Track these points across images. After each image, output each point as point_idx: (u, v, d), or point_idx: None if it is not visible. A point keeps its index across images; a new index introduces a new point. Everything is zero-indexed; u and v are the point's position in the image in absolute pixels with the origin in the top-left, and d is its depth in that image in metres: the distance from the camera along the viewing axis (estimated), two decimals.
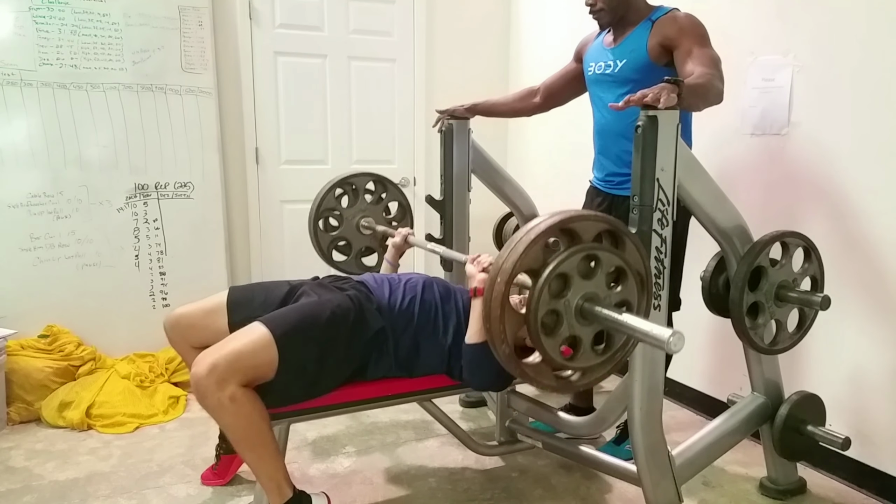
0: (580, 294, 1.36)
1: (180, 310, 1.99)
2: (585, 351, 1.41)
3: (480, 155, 2.67)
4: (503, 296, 1.30)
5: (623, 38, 2.14)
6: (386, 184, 2.76)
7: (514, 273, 1.30)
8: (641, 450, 1.76)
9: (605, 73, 2.18)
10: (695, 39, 1.97)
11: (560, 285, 1.35)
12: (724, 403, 2.33)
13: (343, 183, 2.69)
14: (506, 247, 1.34)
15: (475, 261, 1.88)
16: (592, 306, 1.36)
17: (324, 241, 2.69)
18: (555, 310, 1.35)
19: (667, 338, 1.23)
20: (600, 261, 1.37)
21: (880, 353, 2.12)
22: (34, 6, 2.82)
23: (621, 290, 1.41)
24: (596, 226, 1.38)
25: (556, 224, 1.32)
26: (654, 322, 1.65)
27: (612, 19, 2.15)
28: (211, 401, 1.57)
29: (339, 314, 1.76)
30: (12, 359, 2.75)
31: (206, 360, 1.57)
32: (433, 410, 2.10)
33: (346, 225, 2.72)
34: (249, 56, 3.42)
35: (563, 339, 1.38)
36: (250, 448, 1.65)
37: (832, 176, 2.21)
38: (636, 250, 1.43)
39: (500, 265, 1.32)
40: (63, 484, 2.22)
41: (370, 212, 2.73)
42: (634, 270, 1.42)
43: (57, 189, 2.96)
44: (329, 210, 2.68)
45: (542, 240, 1.31)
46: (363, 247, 2.73)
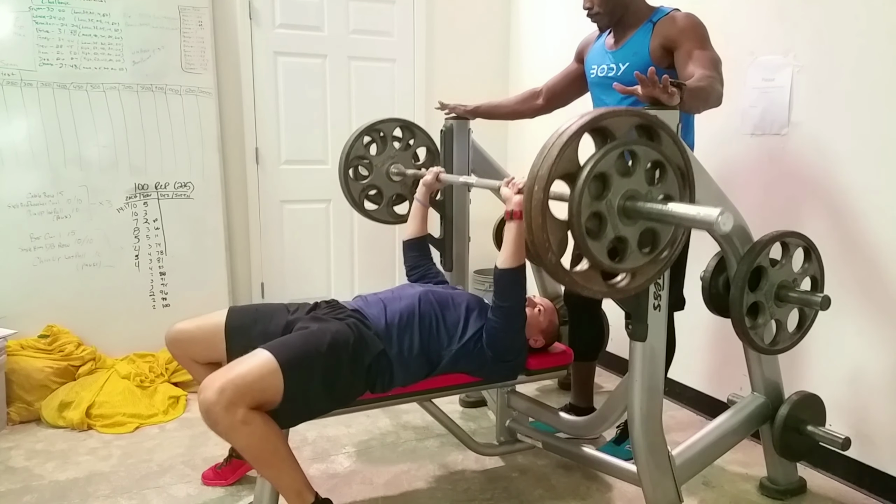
0: (621, 193, 1.33)
1: (179, 326, 2.00)
2: (633, 251, 1.38)
3: (480, 155, 2.67)
4: (542, 203, 1.27)
5: (624, 42, 2.13)
6: (413, 129, 2.76)
7: (550, 178, 1.27)
8: (641, 450, 1.76)
9: (607, 76, 2.18)
10: (695, 41, 1.96)
11: (599, 186, 1.31)
12: (724, 403, 2.33)
13: (370, 130, 2.68)
14: (539, 153, 1.31)
15: (510, 183, 1.87)
16: (635, 203, 1.33)
17: (355, 190, 2.69)
18: (597, 212, 1.32)
19: (716, 217, 1.19)
20: (638, 156, 1.33)
21: (880, 353, 2.12)
22: (34, 6, 2.82)
23: (662, 184, 1.38)
24: (629, 121, 1.34)
25: (587, 123, 1.29)
26: (654, 321, 1.67)
27: (611, 22, 2.14)
28: (223, 426, 1.57)
29: (340, 340, 1.78)
30: (12, 359, 2.75)
31: (213, 386, 1.57)
32: (433, 410, 2.10)
33: (376, 172, 2.71)
34: (249, 56, 3.42)
35: (608, 240, 1.35)
36: (268, 466, 1.67)
37: (832, 176, 2.21)
38: (673, 143, 1.39)
39: (535, 173, 1.29)
40: (63, 484, 2.22)
41: (399, 158, 2.73)
42: (674, 164, 1.38)
43: (57, 189, 2.96)
44: (358, 158, 2.68)
45: (575, 141, 1.28)
46: (394, 194, 2.74)
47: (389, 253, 3.89)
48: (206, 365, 2.01)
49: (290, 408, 1.67)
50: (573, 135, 1.28)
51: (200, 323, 1.98)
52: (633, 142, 1.33)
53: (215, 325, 1.96)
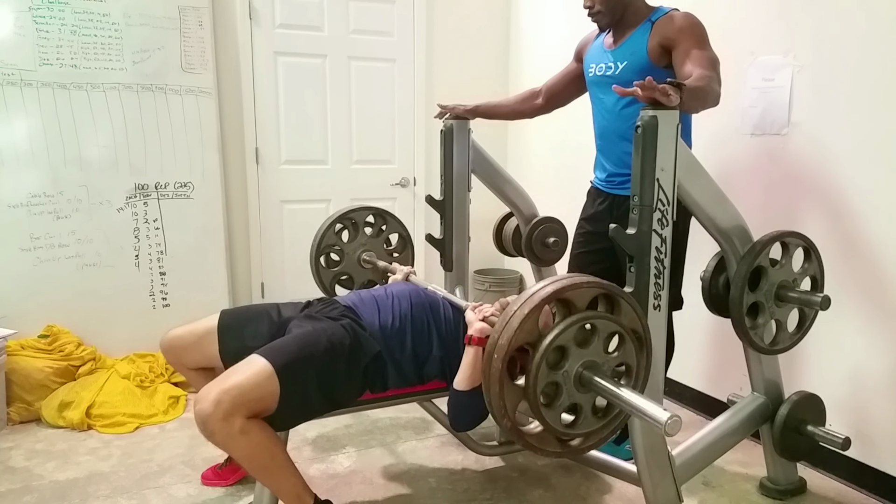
0: (579, 362, 1.37)
1: (172, 333, 2.00)
2: (587, 417, 1.42)
3: (480, 155, 2.67)
4: (500, 373, 1.31)
5: (623, 40, 2.13)
6: (386, 216, 2.77)
7: (510, 349, 1.30)
8: (641, 450, 1.76)
9: (605, 74, 2.18)
10: (694, 40, 1.96)
11: (558, 356, 1.35)
12: (724, 403, 2.33)
13: (343, 218, 2.70)
14: (500, 320, 1.35)
15: (476, 308, 1.87)
16: (591, 375, 1.36)
17: (326, 277, 2.70)
18: (554, 381, 1.36)
19: (664, 421, 1.23)
20: (597, 328, 1.37)
21: (880, 353, 2.12)
22: (34, 6, 2.82)
23: (620, 353, 1.42)
24: (589, 292, 1.38)
25: (550, 295, 1.32)
26: (654, 322, 1.66)
27: (611, 21, 2.14)
28: (220, 436, 1.57)
29: (336, 343, 1.77)
30: (12, 359, 2.75)
31: (209, 397, 1.55)
32: (433, 410, 2.10)
33: (348, 260, 2.72)
34: (249, 56, 3.42)
35: (563, 408, 1.38)
36: (267, 473, 1.67)
37: (832, 176, 2.21)
38: (632, 309, 1.43)
39: (495, 341, 1.33)
40: (63, 484, 2.22)
41: (371, 245, 2.74)
42: (630, 331, 1.42)
43: (57, 189, 2.96)
44: (330, 246, 2.69)
45: (536, 313, 1.32)
46: (365, 280, 2.75)
47: None
48: (201, 371, 2.02)
49: (287, 412, 1.66)
50: (534, 307, 1.31)
51: (193, 328, 1.99)
52: (593, 316, 1.37)
53: (207, 328, 1.96)
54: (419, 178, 3.91)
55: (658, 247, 1.63)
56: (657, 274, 1.64)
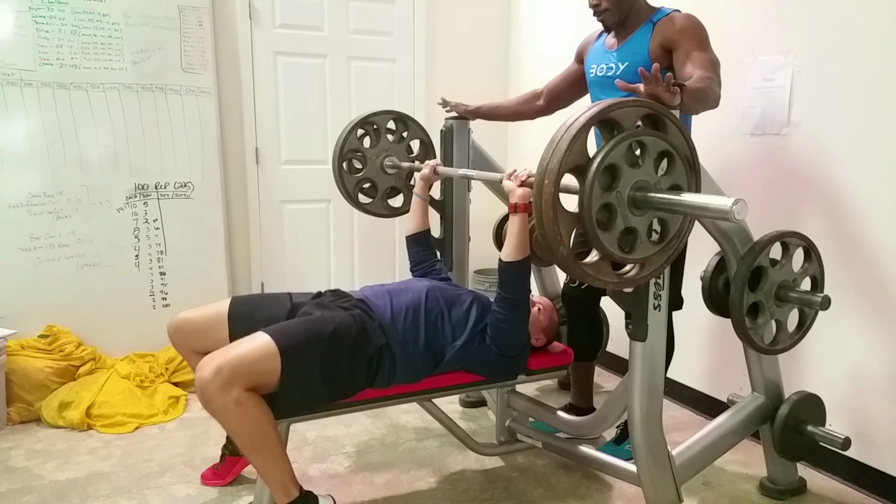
0: (631, 184, 1.34)
1: (182, 315, 2.00)
2: (643, 241, 1.39)
3: (480, 155, 2.67)
4: (553, 197, 1.28)
5: (625, 41, 2.13)
6: (407, 121, 2.75)
7: (561, 172, 1.28)
8: (641, 450, 1.76)
9: (606, 75, 2.18)
10: (694, 42, 1.96)
11: (609, 178, 1.33)
12: (724, 403, 2.33)
13: (364, 123, 2.68)
14: (547, 147, 1.32)
15: (512, 175, 1.87)
16: (645, 194, 1.34)
17: (349, 183, 2.68)
18: (607, 203, 1.33)
19: (730, 206, 1.21)
20: (646, 146, 1.34)
21: (880, 354, 2.12)
22: (34, 6, 2.82)
23: (670, 174, 1.39)
24: (636, 112, 1.35)
25: (594, 115, 1.30)
26: (654, 321, 1.67)
27: (618, 19, 2.14)
28: (216, 405, 1.57)
29: (342, 330, 1.77)
30: (12, 359, 2.75)
31: (210, 365, 1.58)
32: (433, 410, 2.10)
33: (370, 166, 2.71)
34: (249, 56, 3.42)
35: (619, 231, 1.36)
36: (256, 451, 1.66)
37: (832, 176, 2.21)
38: (679, 132, 1.41)
39: (544, 167, 1.30)
40: (63, 484, 2.22)
41: (393, 151, 2.72)
42: (681, 153, 1.39)
43: (57, 189, 2.96)
44: (352, 151, 2.67)
45: (584, 133, 1.29)
46: (388, 187, 2.74)
47: (389, 253, 3.89)
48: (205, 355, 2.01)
49: (286, 394, 1.66)
50: (582, 127, 1.29)
51: (204, 311, 1.98)
52: (642, 132, 1.34)
53: (218, 312, 1.96)
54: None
55: None
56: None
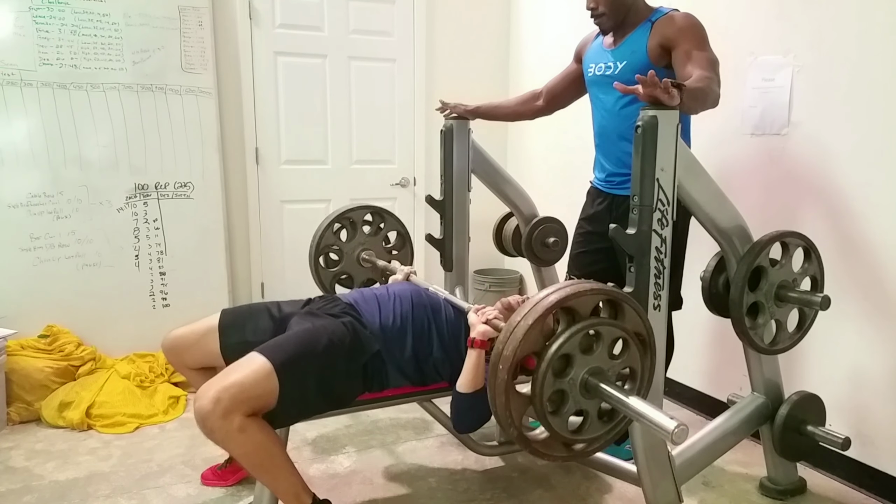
0: (584, 369, 1.37)
1: (175, 333, 2.02)
2: (593, 422, 1.42)
3: (480, 155, 2.67)
4: (506, 383, 1.31)
5: (623, 40, 2.13)
6: (384, 214, 2.77)
7: (515, 360, 1.30)
8: (641, 450, 1.76)
9: (604, 74, 2.18)
10: (693, 41, 1.96)
11: (563, 364, 1.35)
12: (724, 403, 2.33)
13: (341, 217, 2.70)
14: (505, 330, 1.35)
15: (479, 311, 1.87)
16: (597, 382, 1.36)
17: (325, 277, 2.70)
18: (560, 389, 1.36)
19: (672, 430, 1.23)
20: (601, 335, 1.37)
21: (880, 354, 2.12)
22: (34, 6, 2.82)
23: (624, 357, 1.42)
24: (593, 299, 1.38)
25: (554, 304, 1.32)
26: (654, 322, 1.66)
27: (615, 23, 2.13)
28: (219, 434, 1.57)
29: (336, 341, 1.77)
30: (12, 359, 2.75)
31: (208, 395, 1.56)
32: (433, 410, 2.10)
33: (347, 259, 2.72)
34: (249, 56, 3.42)
35: (569, 414, 1.38)
36: (265, 472, 1.67)
37: (832, 176, 2.21)
38: (635, 313, 1.43)
39: (500, 351, 1.33)
40: (63, 484, 2.22)
41: (370, 244, 2.74)
42: (634, 334, 1.43)
43: (57, 189, 2.96)
44: (328, 246, 2.69)
45: (540, 323, 1.32)
46: (365, 279, 2.75)
47: None
48: (202, 370, 2.02)
49: (286, 410, 1.67)
50: (539, 317, 1.31)
51: (194, 327, 2.00)
52: (598, 322, 1.37)
53: (208, 327, 1.97)
54: (419, 178, 3.91)
55: (658, 247, 1.63)
56: (657, 274, 1.64)
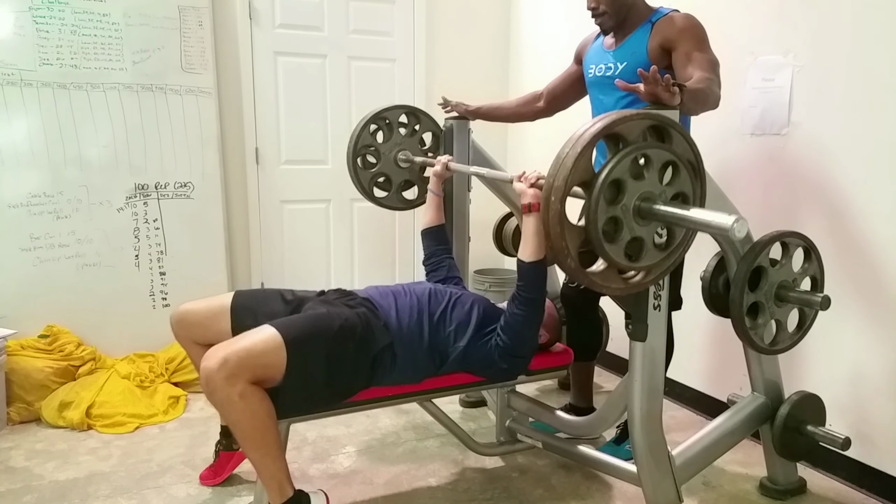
0: (636, 195, 1.36)
1: (186, 306, 2.01)
2: (649, 250, 1.41)
3: (480, 155, 2.67)
4: (559, 213, 1.32)
5: (624, 41, 2.13)
6: (419, 115, 2.78)
7: (567, 189, 1.30)
8: (641, 450, 1.76)
9: (605, 75, 2.18)
10: (694, 42, 1.96)
11: (614, 191, 1.35)
12: (724, 403, 2.33)
13: (376, 118, 2.71)
14: (554, 163, 1.34)
15: (522, 178, 1.89)
16: (650, 205, 1.36)
17: (364, 178, 2.72)
18: (613, 216, 1.36)
19: (730, 224, 1.23)
20: (650, 159, 1.36)
21: (880, 353, 2.12)
22: (34, 6, 2.82)
23: (675, 183, 1.41)
24: (640, 124, 1.37)
25: (600, 131, 1.31)
26: (654, 322, 1.67)
27: (615, 23, 2.13)
28: (220, 395, 1.58)
29: (348, 328, 1.78)
30: (12, 359, 2.75)
31: (216, 355, 1.58)
32: (433, 410, 2.10)
33: (384, 160, 2.74)
34: (249, 56, 3.42)
35: (625, 242, 1.38)
36: (255, 446, 1.66)
37: (832, 176, 2.21)
38: (684, 140, 1.42)
39: (551, 183, 1.33)
40: (63, 484, 2.22)
41: (406, 144, 2.76)
42: (685, 161, 1.41)
43: (57, 189, 2.96)
44: (366, 147, 2.71)
45: (589, 150, 1.31)
46: (402, 181, 2.78)
47: (389, 253, 3.89)
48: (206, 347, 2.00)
49: (289, 389, 1.67)
50: (587, 144, 1.31)
51: (207, 303, 2.00)
52: (646, 145, 1.36)
53: (222, 304, 1.97)
54: None
55: None
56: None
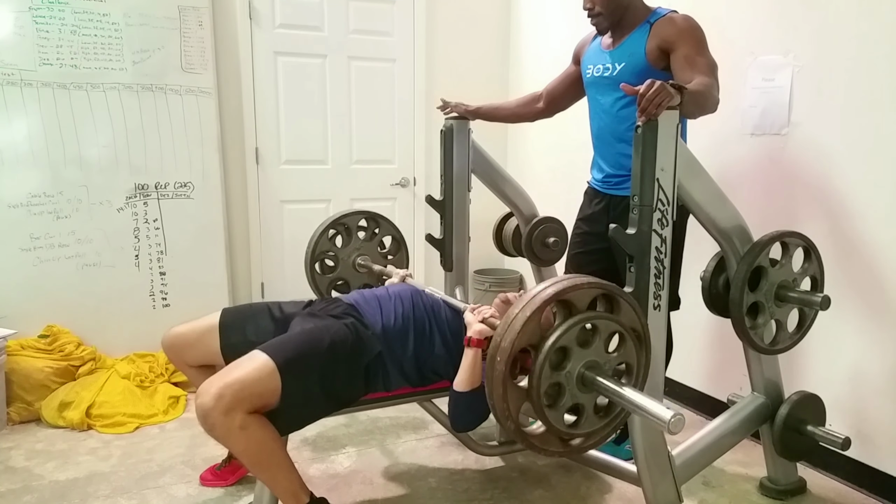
0: (581, 363, 1.37)
1: (175, 330, 2.02)
2: (589, 417, 1.42)
3: (480, 155, 2.67)
4: (504, 375, 1.32)
5: (622, 41, 2.13)
6: (378, 219, 2.78)
7: (512, 352, 1.31)
8: (641, 450, 1.76)
9: (602, 75, 2.18)
10: (693, 44, 1.96)
11: (560, 357, 1.36)
12: (724, 403, 2.33)
13: (335, 224, 2.71)
14: (502, 323, 1.35)
15: (475, 310, 1.87)
16: (594, 375, 1.37)
17: (322, 283, 2.72)
18: (557, 382, 1.36)
19: (668, 419, 1.24)
20: (598, 327, 1.38)
21: (880, 353, 2.12)
22: (34, 6, 2.82)
23: (620, 352, 1.43)
24: (590, 293, 1.39)
25: (551, 297, 1.33)
26: (654, 321, 1.66)
27: (611, 23, 2.13)
28: (220, 431, 1.57)
29: (338, 341, 1.77)
30: (12, 359, 2.75)
31: (210, 391, 1.56)
32: (433, 410, 2.10)
33: (343, 265, 2.74)
34: (249, 56, 3.42)
35: (566, 408, 1.39)
36: (264, 470, 1.67)
37: (832, 176, 2.21)
38: (631, 309, 1.44)
39: (498, 343, 1.33)
40: (63, 484, 2.22)
41: (365, 249, 2.76)
42: (630, 330, 1.43)
43: (57, 189, 2.96)
44: (324, 252, 2.70)
45: (538, 315, 1.32)
46: (361, 285, 2.76)
47: None
48: (202, 368, 2.02)
49: (287, 410, 1.66)
50: (536, 309, 1.32)
51: (194, 325, 2.00)
52: (594, 316, 1.38)
53: (209, 325, 1.97)
54: (419, 178, 3.91)
55: (658, 247, 1.63)
56: (657, 274, 1.65)
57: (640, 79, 2.04)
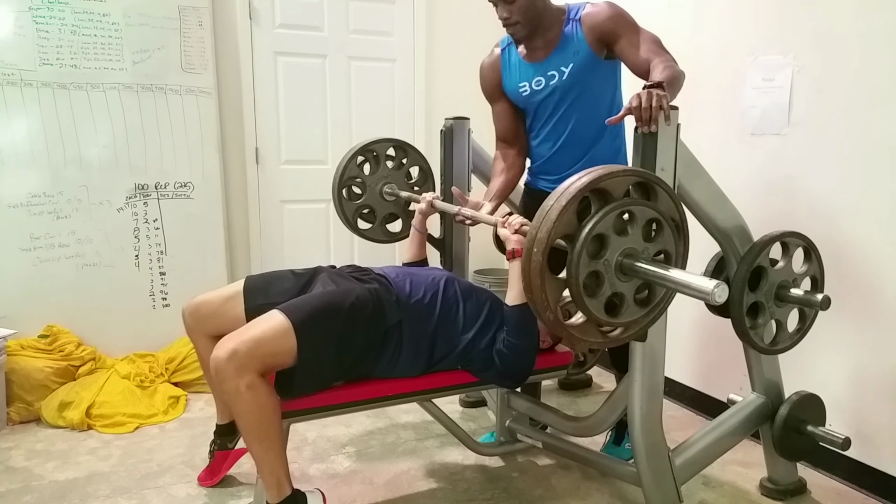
0: (618, 251, 1.36)
1: (200, 297, 2.05)
2: (629, 306, 1.41)
3: (480, 155, 2.67)
4: (541, 266, 1.31)
5: (556, 46, 2.08)
6: (406, 149, 2.78)
7: (549, 242, 1.30)
8: (641, 450, 1.76)
9: (549, 85, 2.11)
10: (630, 28, 1.97)
11: (597, 246, 1.35)
12: (724, 403, 2.33)
13: (364, 150, 2.71)
14: (538, 215, 1.34)
15: (506, 223, 1.87)
16: (632, 262, 1.36)
17: (348, 209, 2.72)
18: (595, 271, 1.35)
19: (711, 289, 1.23)
20: (634, 215, 1.37)
21: (880, 354, 2.12)
22: (34, 6, 2.82)
23: (658, 240, 1.41)
24: (626, 180, 1.37)
25: (585, 186, 1.31)
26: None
27: (529, 32, 2.09)
28: (228, 386, 1.60)
29: (358, 305, 1.78)
30: (12, 359, 2.75)
31: (226, 346, 1.60)
32: (433, 410, 2.10)
33: (370, 192, 2.74)
34: (249, 56, 3.42)
35: (606, 297, 1.38)
36: (258, 440, 1.67)
37: (832, 176, 2.21)
38: (669, 198, 1.42)
39: (534, 235, 1.32)
40: (63, 484, 2.22)
41: (392, 178, 2.75)
42: (669, 218, 1.41)
43: (57, 189, 2.96)
44: (351, 178, 2.71)
45: (574, 204, 1.31)
46: (387, 213, 2.77)
47: (389, 251, 3.89)
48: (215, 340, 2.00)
49: (300, 370, 1.68)
50: (571, 198, 1.30)
51: (219, 292, 2.04)
52: (631, 202, 1.36)
53: (234, 291, 2.01)
54: None
55: None
56: None
57: (595, 74, 2.04)
